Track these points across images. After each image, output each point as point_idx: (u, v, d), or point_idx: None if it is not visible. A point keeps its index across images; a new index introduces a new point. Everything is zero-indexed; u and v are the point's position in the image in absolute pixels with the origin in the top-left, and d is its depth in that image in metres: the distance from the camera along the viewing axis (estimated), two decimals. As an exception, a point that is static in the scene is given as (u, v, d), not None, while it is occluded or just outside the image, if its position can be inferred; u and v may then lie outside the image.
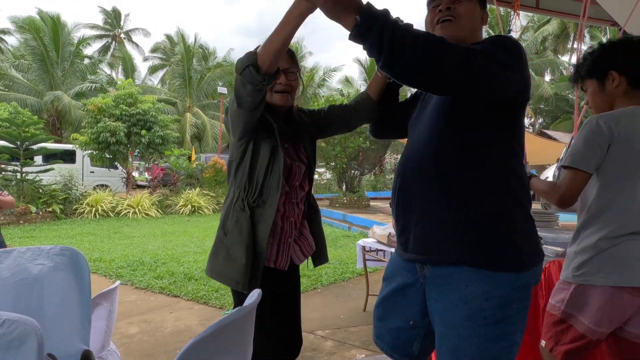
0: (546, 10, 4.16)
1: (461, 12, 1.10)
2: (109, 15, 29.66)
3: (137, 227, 7.85)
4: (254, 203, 1.32)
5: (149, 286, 4.02)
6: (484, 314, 0.97)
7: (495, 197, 1.01)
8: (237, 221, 1.31)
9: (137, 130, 10.59)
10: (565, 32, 24.48)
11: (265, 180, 1.32)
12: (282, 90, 1.38)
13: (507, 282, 0.98)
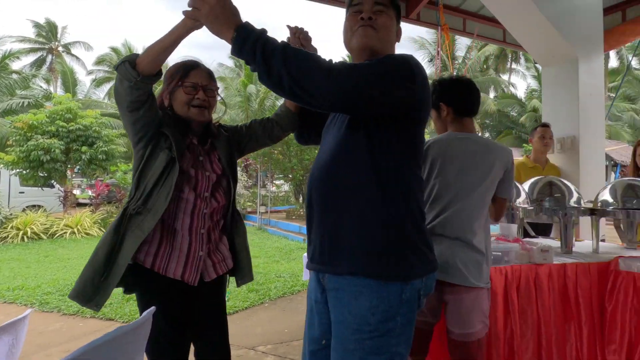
0: (472, 34, 4.53)
1: (380, 24, 1.12)
2: (43, 28, 27.83)
3: (75, 249, 7.35)
4: (134, 210, 1.30)
5: (79, 311, 3.77)
6: (369, 328, 1.00)
7: (388, 209, 1.03)
8: (111, 225, 1.32)
9: (78, 147, 10.00)
10: (504, 53, 26.44)
11: (154, 189, 1.31)
12: (199, 105, 1.42)
13: (393, 295, 1.02)
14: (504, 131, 26.16)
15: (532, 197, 2.36)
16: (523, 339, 1.68)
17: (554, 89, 3.40)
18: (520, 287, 1.75)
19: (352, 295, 1.03)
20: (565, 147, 3.27)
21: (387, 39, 1.14)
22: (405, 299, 1.02)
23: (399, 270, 1.02)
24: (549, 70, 3.43)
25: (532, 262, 1.84)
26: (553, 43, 3.13)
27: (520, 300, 1.73)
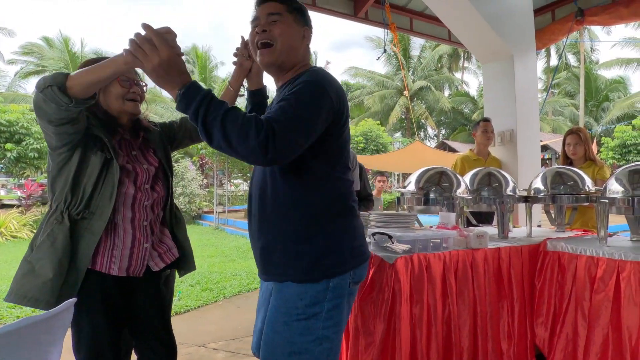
0: (419, 33, 4.68)
1: (276, 35, 1.12)
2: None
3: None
4: (78, 215, 1.27)
5: (0, 319, 3.51)
6: (297, 311, 1.08)
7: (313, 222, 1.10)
8: (49, 234, 1.23)
9: (1, 144, 9.25)
10: (457, 52, 27.62)
11: (94, 191, 1.28)
12: (133, 98, 1.43)
13: (320, 285, 1.10)
14: (459, 128, 27.39)
15: (472, 187, 2.49)
16: (460, 319, 1.77)
17: (493, 84, 3.60)
18: (457, 271, 1.84)
19: (283, 286, 1.12)
20: (505, 140, 3.48)
21: (288, 48, 1.14)
22: (332, 287, 1.10)
23: (322, 274, 1.10)
24: (488, 67, 3.63)
25: (469, 247, 1.94)
26: (490, 41, 3.31)
27: (458, 282, 1.82)
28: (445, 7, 3.27)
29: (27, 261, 1.24)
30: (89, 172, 1.28)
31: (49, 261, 1.20)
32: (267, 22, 1.13)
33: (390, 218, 2.38)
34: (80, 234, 1.26)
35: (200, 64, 21.85)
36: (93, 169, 1.28)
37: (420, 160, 10.03)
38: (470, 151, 3.44)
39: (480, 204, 2.49)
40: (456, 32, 3.50)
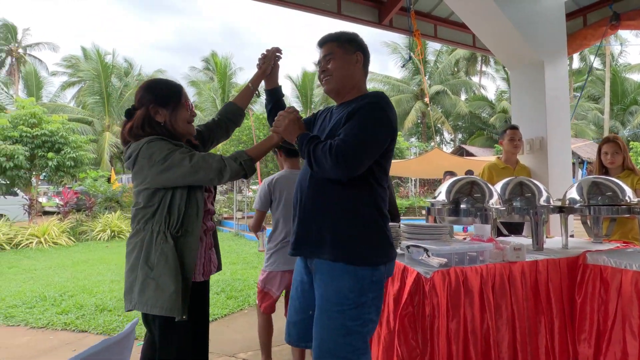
0: (443, 39, 4.65)
1: (332, 69, 1.45)
2: (1, 30, 26.56)
3: (42, 259, 7.04)
4: (177, 233, 1.43)
5: (49, 324, 3.61)
6: (348, 301, 1.33)
7: (359, 213, 1.37)
8: (161, 253, 1.40)
9: (43, 153, 9.59)
10: (474, 56, 27.27)
11: (186, 211, 1.45)
12: (192, 120, 1.62)
13: (365, 277, 1.35)
14: (476, 132, 26.95)
15: (504, 197, 2.44)
16: (498, 333, 1.74)
17: (522, 91, 3.53)
18: (495, 285, 1.81)
19: (334, 277, 1.35)
20: (534, 148, 3.40)
21: (346, 75, 1.45)
22: (375, 280, 1.36)
23: (367, 259, 1.36)
24: (516, 74, 3.56)
25: (505, 260, 1.90)
26: (519, 48, 3.26)
27: (495, 297, 1.78)
28: (473, 14, 3.23)
29: (150, 279, 1.40)
30: (179, 194, 1.45)
31: (169, 276, 1.38)
32: (325, 62, 1.48)
33: (422, 229, 2.35)
34: (182, 250, 1.43)
35: (219, 70, 22.17)
36: (182, 191, 1.45)
37: (438, 166, 9.91)
38: (497, 159, 3.37)
39: (513, 215, 2.44)
40: (483, 39, 3.46)
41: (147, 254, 1.41)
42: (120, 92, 20.81)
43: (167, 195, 1.44)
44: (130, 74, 23.44)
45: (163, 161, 1.38)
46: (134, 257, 1.44)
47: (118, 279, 5.26)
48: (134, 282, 1.42)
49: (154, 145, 1.40)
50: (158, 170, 1.38)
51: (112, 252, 7.53)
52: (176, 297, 1.37)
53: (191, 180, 1.41)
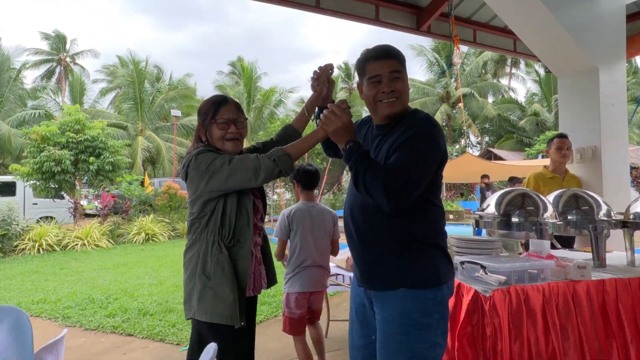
0: (482, 45, 4.57)
1: (401, 90, 1.33)
2: (52, 40, 28.17)
3: (87, 261, 7.36)
4: (230, 243, 1.47)
5: (99, 326, 3.77)
6: (412, 322, 1.28)
7: (416, 237, 1.31)
8: (217, 263, 1.43)
9: (85, 158, 10.03)
10: (504, 57, 26.53)
11: (237, 221, 1.48)
12: (232, 138, 1.55)
13: (428, 298, 1.29)
14: (505, 135, 26.18)
15: (557, 210, 2.36)
16: (567, 357, 1.68)
17: (572, 98, 3.39)
18: (558, 305, 1.75)
19: (396, 300, 1.30)
20: (586, 157, 3.27)
21: (407, 96, 1.36)
22: (439, 300, 1.30)
23: (429, 281, 1.30)
24: (566, 80, 3.43)
25: (568, 278, 1.84)
26: (571, 54, 3.13)
27: (560, 317, 1.73)
28: (520, 18, 3.13)
29: (208, 287, 1.43)
30: (230, 205, 1.48)
31: (226, 286, 1.42)
32: (391, 80, 1.32)
33: (472, 243, 2.31)
34: (235, 260, 1.46)
35: (246, 75, 22.53)
36: (232, 202, 1.48)
37: (469, 171, 9.69)
38: (544, 168, 3.27)
39: (569, 229, 2.36)
40: (530, 45, 3.35)
41: (204, 264, 1.44)
42: (153, 98, 21.51)
43: (219, 205, 1.46)
44: (161, 79, 24.22)
45: (207, 170, 1.42)
46: (191, 266, 1.48)
47: (155, 282, 5.43)
48: (193, 291, 1.46)
49: (201, 156, 1.45)
50: (205, 180, 1.43)
51: (147, 256, 7.77)
52: (234, 306, 1.41)
53: (232, 184, 1.42)
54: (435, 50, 25.30)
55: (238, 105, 1.62)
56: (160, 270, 6.26)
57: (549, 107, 23.59)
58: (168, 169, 19.84)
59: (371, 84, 1.33)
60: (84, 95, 24.05)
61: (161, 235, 9.82)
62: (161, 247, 8.80)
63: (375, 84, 1.32)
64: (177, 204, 11.07)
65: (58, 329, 3.81)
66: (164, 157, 20.02)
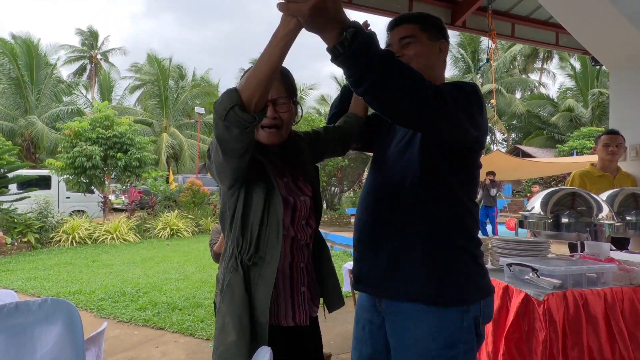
0: (521, 39, 4.38)
1: (411, 55, 1.13)
2: (86, 37, 29.19)
3: (116, 254, 7.56)
4: (250, 261, 1.06)
5: (132, 319, 3.84)
6: (432, 354, 1.01)
7: (447, 235, 1.07)
8: (228, 284, 1.07)
9: (114, 154, 10.30)
10: (535, 52, 25.70)
11: (261, 231, 1.07)
12: (269, 125, 1.13)
13: (452, 322, 1.03)
14: (534, 132, 25.40)
15: (613, 211, 2.22)
16: (633, 367, 1.56)
17: (628, 93, 3.19)
18: (624, 311, 1.63)
19: (411, 320, 1.05)
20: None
21: (427, 65, 1.12)
22: (466, 326, 1.03)
23: (454, 297, 1.04)
24: (621, 74, 3.23)
25: (634, 283, 1.72)
26: (629, 44, 2.93)
27: (627, 325, 1.61)
28: (572, 9, 2.96)
29: (219, 314, 1.09)
30: (254, 208, 1.07)
31: (231, 319, 1.04)
32: (400, 47, 1.15)
33: (518, 244, 2.20)
34: (255, 282, 1.06)
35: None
36: (257, 204, 1.07)
37: (498, 169, 9.41)
38: (591, 166, 3.10)
39: (628, 231, 2.22)
40: (579, 36, 3.16)
41: (223, 279, 1.12)
42: (177, 95, 21.95)
43: (239, 204, 1.08)
44: (185, 77, 24.67)
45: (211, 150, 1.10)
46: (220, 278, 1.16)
47: (182, 278, 5.50)
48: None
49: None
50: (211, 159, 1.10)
51: (173, 251, 7.90)
52: (236, 349, 1.01)
53: (219, 157, 1.02)
54: (461, 46, 24.76)
55: (284, 76, 1.15)
56: (185, 266, 6.35)
57: (584, 102, 22.72)
58: (189, 165, 20.19)
59: None
60: (112, 92, 24.80)
61: (185, 230, 9.98)
62: (186, 243, 8.94)
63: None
64: (200, 200, 11.23)
65: (94, 319, 3.90)
66: (185, 154, 20.39)
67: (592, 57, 3.66)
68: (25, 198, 8.54)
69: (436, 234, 1.05)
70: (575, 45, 3.76)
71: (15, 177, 8.88)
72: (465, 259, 1.07)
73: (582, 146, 15.88)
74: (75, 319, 1.23)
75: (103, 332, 1.62)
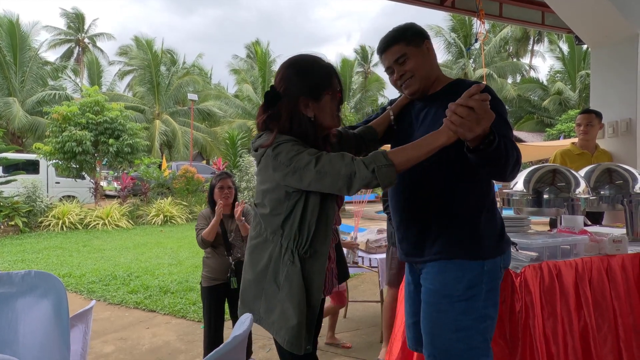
0: (508, 19, 4.37)
1: (412, 69, 1.31)
2: (72, 19, 28.44)
3: (108, 240, 7.56)
4: (305, 254, 1.21)
5: (123, 301, 3.88)
6: (457, 293, 1.24)
7: (466, 206, 1.29)
8: (287, 276, 1.20)
9: (105, 139, 10.20)
10: (526, 35, 25.54)
11: (317, 230, 1.21)
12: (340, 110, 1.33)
13: (475, 268, 1.26)
14: (525, 117, 25.45)
15: (590, 185, 2.28)
16: (600, 333, 1.63)
17: (607, 71, 3.22)
18: (592, 280, 1.69)
19: (439, 270, 1.28)
20: (619, 131, 3.13)
21: (425, 72, 1.32)
22: (487, 270, 1.26)
23: (476, 254, 1.26)
24: (601, 52, 3.25)
25: (602, 253, 1.78)
26: (610, 21, 2.94)
27: (594, 293, 1.67)
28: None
29: (277, 300, 1.21)
30: (311, 209, 1.20)
31: (292, 306, 1.18)
32: (400, 66, 1.33)
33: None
34: (310, 276, 1.21)
35: (260, 59, 22.36)
36: (314, 205, 1.20)
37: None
38: (572, 145, 3.16)
39: (602, 204, 2.28)
40: (563, 15, 3.16)
41: (276, 271, 1.22)
42: (169, 82, 21.62)
43: (298, 207, 1.20)
44: (176, 63, 24.25)
45: (288, 164, 1.14)
46: (261, 267, 1.25)
47: (175, 262, 5.54)
48: (259, 296, 1.25)
49: (282, 146, 1.17)
50: (282, 174, 1.16)
51: (166, 237, 7.92)
52: (299, 330, 1.17)
53: (315, 188, 1.15)
54: (453, 30, 24.53)
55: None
56: (179, 251, 6.38)
57: (572, 85, 22.72)
58: (183, 153, 20.05)
59: (389, 75, 1.39)
60: (102, 78, 24.29)
61: (179, 217, 9.98)
62: (179, 229, 8.96)
63: (390, 75, 1.38)
64: (194, 187, 11.21)
65: (83, 301, 3.94)
66: (179, 141, 20.22)
67: (575, 36, 3.67)
68: (11, 181, 8.45)
69: (455, 208, 1.28)
70: (560, 24, 3.76)
71: (1, 159, 8.76)
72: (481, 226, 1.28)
73: (569, 129, 15.98)
74: (60, 291, 1.24)
75: (91, 309, 1.63)
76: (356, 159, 1.11)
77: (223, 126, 21.39)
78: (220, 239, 2.42)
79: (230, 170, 12.69)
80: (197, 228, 2.46)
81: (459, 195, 1.28)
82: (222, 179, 2.49)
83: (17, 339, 1.18)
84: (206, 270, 2.45)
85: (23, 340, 1.18)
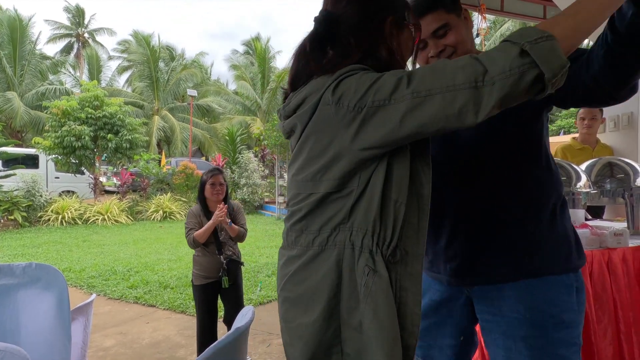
0: (510, 13, 4.34)
1: (455, 44, 1.01)
2: (73, 14, 28.32)
3: (107, 235, 7.57)
4: (393, 257, 0.73)
5: (123, 296, 3.88)
6: (553, 320, 0.94)
7: (542, 205, 0.99)
8: (368, 296, 0.71)
9: (104, 135, 10.18)
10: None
11: (407, 215, 0.74)
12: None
13: (569, 284, 0.97)
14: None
15: (591, 180, 2.28)
16: (600, 325, 1.63)
17: (608, 66, 3.21)
18: (593, 273, 1.70)
19: (527, 292, 0.96)
20: (621, 125, 3.12)
21: (467, 44, 1.03)
22: (579, 287, 0.98)
23: (567, 266, 0.98)
24: (602, 46, 3.24)
25: (603, 246, 1.78)
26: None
27: (594, 286, 1.67)
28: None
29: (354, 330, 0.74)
30: (398, 178, 0.74)
31: (378, 344, 0.70)
32: (438, 38, 1.01)
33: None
34: (404, 289, 0.74)
35: (259, 55, 22.26)
36: (402, 174, 0.74)
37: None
38: (572, 139, 3.16)
39: (602, 198, 2.28)
40: (564, 7, 3.15)
41: (349, 297, 0.73)
42: (168, 78, 21.55)
43: (376, 180, 0.73)
44: (175, 59, 24.16)
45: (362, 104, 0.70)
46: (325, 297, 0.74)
47: (174, 258, 5.54)
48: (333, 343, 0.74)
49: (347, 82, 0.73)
50: (358, 122, 0.70)
51: (165, 232, 7.93)
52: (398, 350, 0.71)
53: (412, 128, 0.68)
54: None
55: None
56: (178, 247, 6.39)
57: (573, 81, 22.74)
58: (181, 149, 20.02)
59: (416, 51, 0.94)
60: (101, 73, 24.21)
61: (178, 213, 9.99)
62: (179, 225, 8.97)
63: (422, 50, 1.03)
64: (193, 183, 11.20)
65: (84, 296, 3.95)
66: (177, 137, 20.18)
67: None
68: (10, 176, 8.43)
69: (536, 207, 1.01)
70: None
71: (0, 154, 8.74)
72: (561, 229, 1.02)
73: (569, 125, 15.98)
74: (62, 284, 1.25)
75: (91, 303, 1.64)
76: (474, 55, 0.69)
77: (223, 122, 21.35)
78: (211, 238, 2.40)
79: (230, 167, 12.68)
80: (187, 227, 2.40)
81: (541, 186, 0.99)
82: (213, 175, 2.45)
83: (19, 329, 1.18)
84: (197, 268, 2.43)
85: (25, 330, 1.18)
